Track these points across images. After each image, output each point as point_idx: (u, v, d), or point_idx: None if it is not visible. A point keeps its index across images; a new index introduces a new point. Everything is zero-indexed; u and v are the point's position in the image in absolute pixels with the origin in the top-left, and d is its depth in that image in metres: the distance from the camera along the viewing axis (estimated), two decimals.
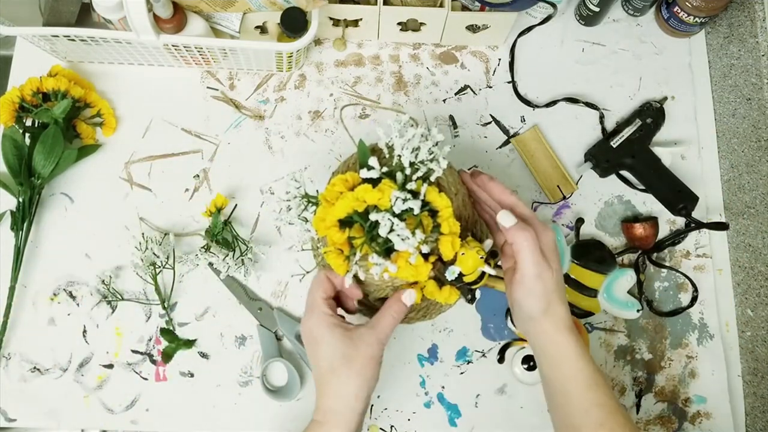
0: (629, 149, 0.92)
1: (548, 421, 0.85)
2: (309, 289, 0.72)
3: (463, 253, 0.66)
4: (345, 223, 0.65)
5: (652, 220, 0.90)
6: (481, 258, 0.67)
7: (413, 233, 0.62)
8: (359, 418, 0.68)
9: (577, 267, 0.87)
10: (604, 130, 0.95)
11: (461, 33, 0.94)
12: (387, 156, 0.68)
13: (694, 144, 0.96)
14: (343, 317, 0.72)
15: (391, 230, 0.62)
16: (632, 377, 0.88)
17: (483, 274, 0.69)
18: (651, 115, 0.94)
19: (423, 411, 0.86)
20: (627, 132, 0.93)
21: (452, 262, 0.67)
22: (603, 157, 0.92)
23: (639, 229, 0.89)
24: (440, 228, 0.65)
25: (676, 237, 0.92)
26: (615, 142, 0.92)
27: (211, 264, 0.86)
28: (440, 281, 0.69)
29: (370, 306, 0.78)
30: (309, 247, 0.87)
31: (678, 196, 0.89)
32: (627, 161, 0.91)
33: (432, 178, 0.66)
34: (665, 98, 0.97)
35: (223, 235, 0.86)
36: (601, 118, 0.95)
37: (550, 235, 0.70)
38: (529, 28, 0.97)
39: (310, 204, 0.71)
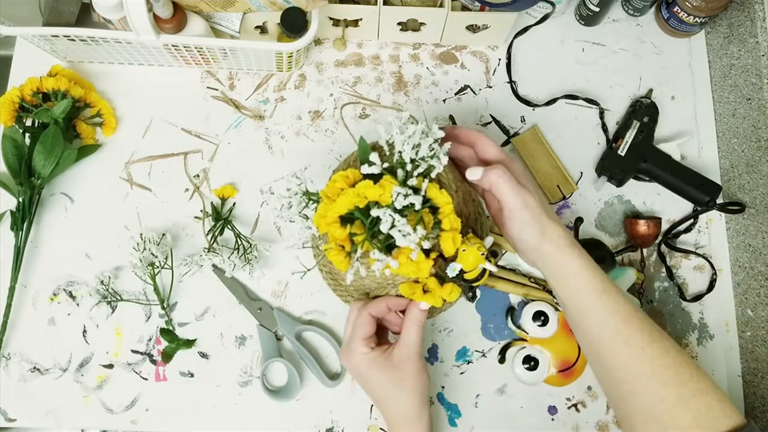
0: (638, 153, 0.91)
1: (548, 422, 0.86)
2: (349, 324, 0.75)
3: (464, 250, 0.66)
4: (346, 219, 0.65)
5: (656, 220, 0.89)
6: (482, 255, 0.67)
7: (414, 229, 0.62)
8: (427, 426, 0.73)
9: None
10: (605, 126, 0.95)
11: (461, 33, 0.94)
12: (387, 153, 0.68)
13: (694, 144, 0.96)
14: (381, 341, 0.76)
15: (393, 226, 0.62)
16: None
17: (484, 270, 0.69)
18: (646, 113, 0.94)
19: None
20: (629, 136, 0.92)
21: (453, 258, 0.67)
22: (617, 168, 0.91)
23: (643, 227, 0.89)
24: (441, 224, 0.65)
25: (689, 221, 0.93)
26: (622, 150, 0.92)
27: (214, 266, 0.86)
28: (441, 278, 0.69)
29: None
30: (309, 245, 0.87)
31: (701, 189, 0.90)
32: (641, 166, 0.91)
33: (433, 175, 0.66)
34: (651, 90, 0.97)
35: (224, 231, 0.87)
36: (602, 114, 0.95)
37: (518, 164, 0.71)
38: (526, 29, 0.97)
39: (311, 201, 0.71)
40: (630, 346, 0.66)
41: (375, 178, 0.65)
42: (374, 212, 0.62)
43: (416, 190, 0.64)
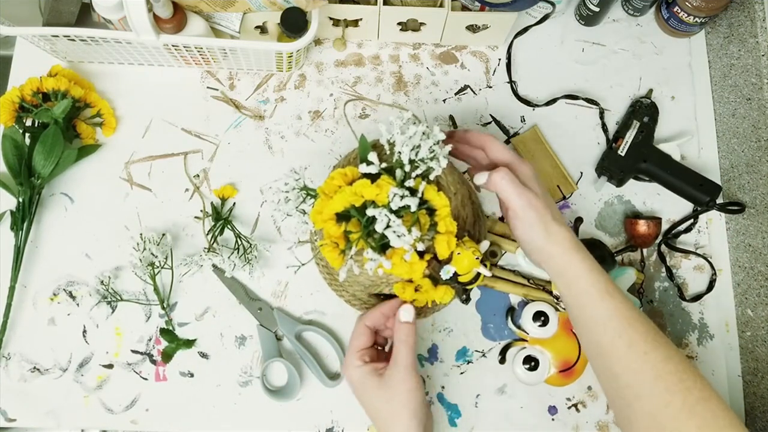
0: (638, 153, 0.91)
1: (548, 422, 0.86)
2: (350, 338, 0.75)
3: (458, 253, 0.66)
4: (342, 217, 0.65)
5: (656, 220, 0.89)
6: (477, 258, 0.67)
7: (409, 231, 0.62)
8: None
9: None
10: (604, 126, 0.95)
11: (461, 33, 0.94)
12: (388, 153, 0.68)
13: (694, 144, 0.96)
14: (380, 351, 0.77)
15: (388, 226, 0.62)
16: None
17: (478, 275, 0.69)
18: (646, 113, 0.94)
19: None
20: (629, 136, 0.92)
21: (448, 261, 0.67)
22: (617, 168, 0.91)
23: (643, 227, 0.89)
24: (437, 227, 0.65)
25: (689, 221, 0.93)
26: (622, 150, 0.92)
27: (214, 266, 0.86)
28: (435, 280, 0.69)
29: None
30: (306, 239, 0.87)
31: (701, 189, 0.90)
32: (641, 166, 0.91)
33: (431, 177, 0.66)
34: (651, 90, 0.97)
35: (224, 231, 0.87)
36: (602, 114, 0.96)
37: (527, 167, 0.72)
38: (526, 29, 0.97)
39: (309, 197, 0.71)
40: (633, 349, 0.66)
41: (373, 177, 0.65)
42: (370, 211, 0.62)
43: (413, 192, 0.64)
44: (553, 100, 0.96)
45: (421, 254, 0.66)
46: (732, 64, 0.94)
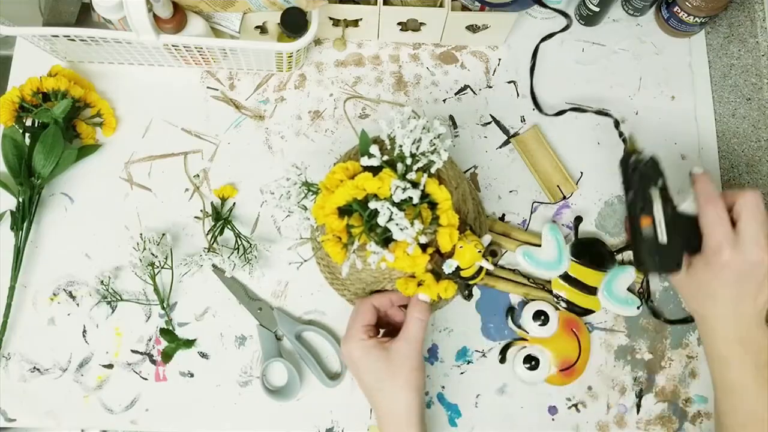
0: (681, 231, 0.71)
1: (548, 422, 0.86)
2: (351, 315, 0.77)
3: (461, 247, 0.66)
4: (344, 211, 0.65)
5: None
6: (479, 252, 0.67)
7: (412, 223, 0.62)
8: (419, 425, 0.72)
9: (577, 265, 0.87)
10: (624, 138, 0.91)
11: (461, 33, 0.94)
12: (389, 147, 0.68)
13: (694, 144, 0.96)
14: (380, 333, 0.76)
15: (390, 220, 0.62)
16: (632, 377, 0.87)
17: (481, 269, 0.69)
18: (653, 174, 0.73)
19: None
20: (659, 214, 0.71)
21: (450, 255, 0.67)
22: (670, 260, 0.71)
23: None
24: (439, 220, 0.65)
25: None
26: (661, 237, 0.70)
27: (214, 266, 0.86)
28: (438, 275, 0.69)
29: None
30: (307, 236, 0.87)
31: None
32: (693, 245, 0.71)
33: (432, 170, 0.66)
34: (632, 137, 0.80)
35: (224, 231, 0.87)
36: (617, 124, 0.93)
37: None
38: (551, 35, 0.96)
39: (310, 192, 0.71)
40: None
41: (375, 170, 0.65)
42: (372, 205, 0.62)
43: (415, 185, 0.64)
44: (561, 112, 0.95)
45: (423, 248, 0.66)
46: (732, 64, 0.94)
